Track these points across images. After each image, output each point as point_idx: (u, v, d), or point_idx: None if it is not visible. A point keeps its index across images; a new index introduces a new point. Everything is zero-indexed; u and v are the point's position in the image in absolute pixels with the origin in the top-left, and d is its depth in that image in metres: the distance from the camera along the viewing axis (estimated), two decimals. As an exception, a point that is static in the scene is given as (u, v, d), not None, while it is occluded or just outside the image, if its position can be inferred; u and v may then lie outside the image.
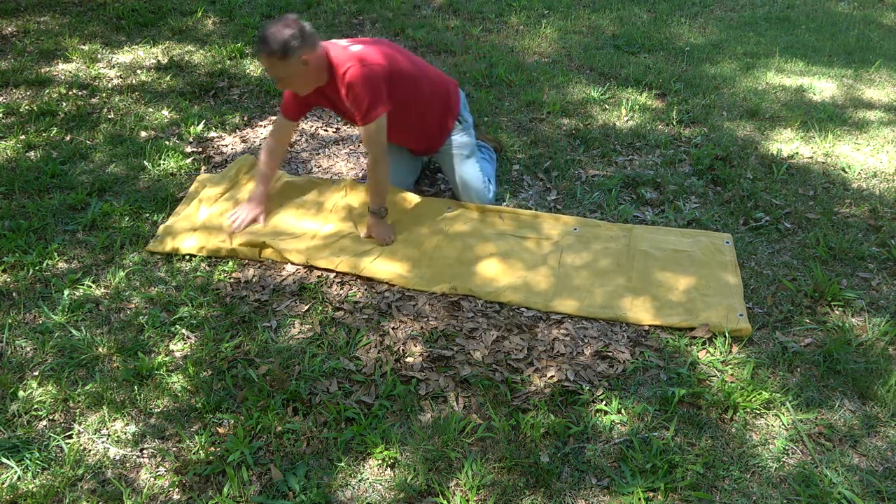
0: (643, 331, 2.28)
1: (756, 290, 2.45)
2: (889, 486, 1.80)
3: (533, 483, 1.78)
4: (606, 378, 2.09)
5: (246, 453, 1.81)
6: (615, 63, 4.27)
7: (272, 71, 2.34)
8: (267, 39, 2.27)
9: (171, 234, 2.58)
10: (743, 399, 2.00)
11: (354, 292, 2.39)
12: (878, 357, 2.18)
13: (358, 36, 4.55)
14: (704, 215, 2.85)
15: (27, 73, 3.79)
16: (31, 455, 1.79)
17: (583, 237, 2.67)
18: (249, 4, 4.98)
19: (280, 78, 2.37)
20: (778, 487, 1.79)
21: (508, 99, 3.77)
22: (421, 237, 2.63)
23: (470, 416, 1.96)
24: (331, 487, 1.76)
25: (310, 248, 2.51)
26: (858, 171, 3.20)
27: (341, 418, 1.93)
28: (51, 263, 2.46)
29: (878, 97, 3.97)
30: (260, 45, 2.30)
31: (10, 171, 2.95)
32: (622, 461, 1.84)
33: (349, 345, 2.18)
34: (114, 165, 3.03)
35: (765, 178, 3.13)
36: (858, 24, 5.19)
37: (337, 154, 3.22)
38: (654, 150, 3.33)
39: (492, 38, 4.62)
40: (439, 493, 1.74)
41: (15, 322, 2.21)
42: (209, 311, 2.29)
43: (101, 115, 3.44)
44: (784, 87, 4.04)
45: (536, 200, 2.93)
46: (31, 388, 1.99)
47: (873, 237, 2.75)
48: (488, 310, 2.34)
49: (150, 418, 1.93)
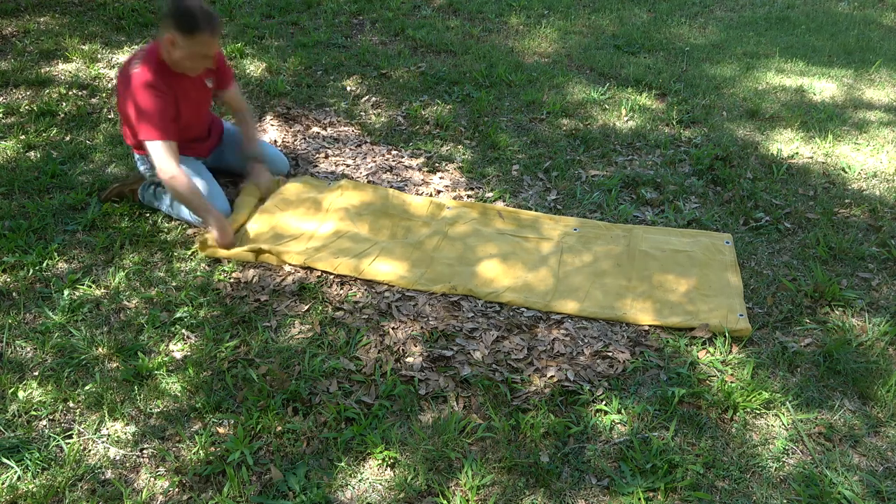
0: (643, 331, 2.28)
1: (756, 290, 2.45)
2: (889, 486, 1.80)
3: (533, 483, 1.78)
4: (606, 378, 2.09)
5: (246, 453, 1.81)
6: (615, 63, 4.27)
7: (215, 48, 2.44)
8: (216, 16, 2.36)
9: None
10: (743, 399, 2.00)
11: (354, 292, 2.39)
12: (878, 357, 2.18)
13: (358, 36, 4.56)
14: (704, 215, 2.84)
15: (27, 73, 3.79)
16: (31, 455, 1.79)
17: (583, 238, 2.67)
18: (249, 4, 4.98)
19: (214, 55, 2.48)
20: (778, 487, 1.79)
21: (508, 99, 3.77)
22: (421, 237, 2.63)
23: (470, 416, 1.96)
24: (331, 487, 1.76)
25: (308, 249, 2.51)
26: (858, 171, 3.20)
27: (341, 418, 1.93)
28: (51, 263, 2.46)
29: (878, 97, 3.97)
30: (217, 22, 2.36)
31: (10, 171, 2.94)
32: (622, 461, 1.84)
33: (349, 345, 2.18)
34: (114, 165, 3.03)
35: (765, 178, 3.13)
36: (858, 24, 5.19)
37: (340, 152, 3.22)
38: (654, 151, 3.33)
39: (492, 38, 4.62)
40: (439, 493, 1.74)
41: (15, 322, 2.21)
42: (209, 312, 2.29)
43: (101, 115, 3.44)
44: (784, 87, 4.04)
45: (536, 200, 2.93)
46: (31, 388, 1.99)
47: (873, 237, 2.75)
48: (488, 310, 2.34)
49: (149, 418, 1.93)
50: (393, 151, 3.26)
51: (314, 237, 2.59)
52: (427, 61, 4.19)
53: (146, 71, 2.40)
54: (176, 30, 2.33)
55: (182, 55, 2.39)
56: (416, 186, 3.00)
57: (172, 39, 2.36)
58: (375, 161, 3.17)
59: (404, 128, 3.47)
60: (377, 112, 3.60)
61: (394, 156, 3.23)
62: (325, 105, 3.65)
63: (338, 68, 4.04)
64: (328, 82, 3.88)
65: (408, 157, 3.21)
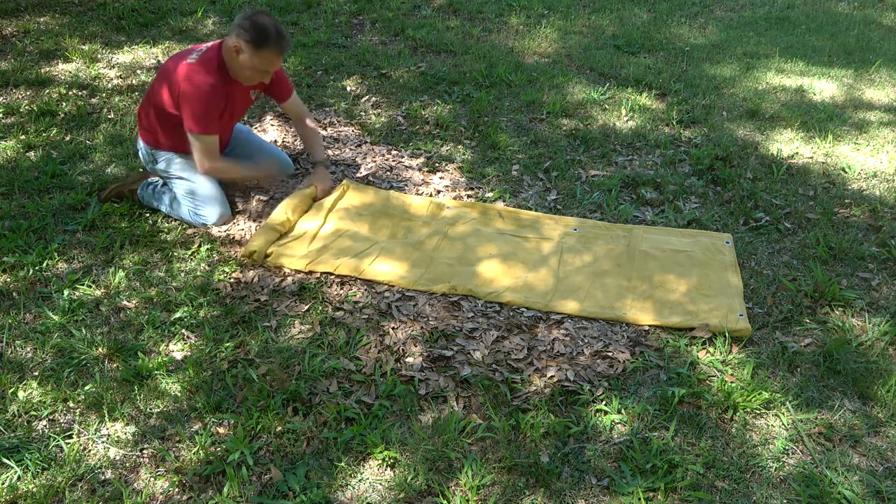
0: (643, 331, 2.28)
1: (756, 290, 2.45)
2: (889, 486, 1.80)
3: (533, 483, 1.78)
4: (606, 378, 2.09)
5: (246, 453, 1.81)
6: (615, 63, 4.27)
7: (278, 66, 2.54)
8: (287, 38, 2.44)
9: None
10: (743, 399, 2.00)
11: (354, 292, 2.39)
12: (878, 357, 2.18)
13: (358, 36, 4.56)
14: (704, 215, 2.84)
15: (27, 73, 3.79)
16: (31, 455, 1.79)
17: (583, 238, 2.67)
18: (249, 4, 4.98)
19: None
20: (778, 487, 1.79)
21: (508, 99, 3.77)
22: (421, 237, 2.63)
23: (470, 416, 1.96)
24: (331, 487, 1.76)
25: (310, 251, 2.51)
26: (858, 171, 3.20)
27: (341, 418, 1.93)
28: (51, 263, 2.46)
29: (878, 97, 3.97)
30: (286, 44, 2.44)
31: (10, 171, 2.94)
32: (622, 461, 1.84)
33: (349, 345, 2.18)
34: (114, 166, 3.03)
35: (765, 178, 3.13)
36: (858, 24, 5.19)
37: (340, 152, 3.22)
38: (654, 151, 3.33)
39: (492, 38, 4.62)
40: (439, 493, 1.74)
41: (15, 322, 2.21)
42: (209, 312, 2.29)
43: (101, 115, 3.44)
44: (784, 88, 4.04)
45: (536, 200, 2.93)
46: (31, 388, 1.99)
47: (873, 237, 2.75)
48: (488, 310, 2.34)
49: (149, 418, 1.93)
50: (393, 151, 3.26)
51: (316, 237, 2.59)
52: (427, 61, 4.19)
53: (207, 69, 2.46)
54: (245, 40, 2.38)
55: (244, 65, 2.44)
56: (416, 186, 3.00)
57: (239, 48, 2.41)
58: (375, 161, 3.17)
59: (404, 128, 3.47)
60: (377, 112, 3.59)
61: (394, 156, 3.23)
62: (325, 105, 3.65)
63: (338, 68, 4.04)
64: (328, 82, 3.88)
65: (408, 157, 3.21)
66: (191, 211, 2.64)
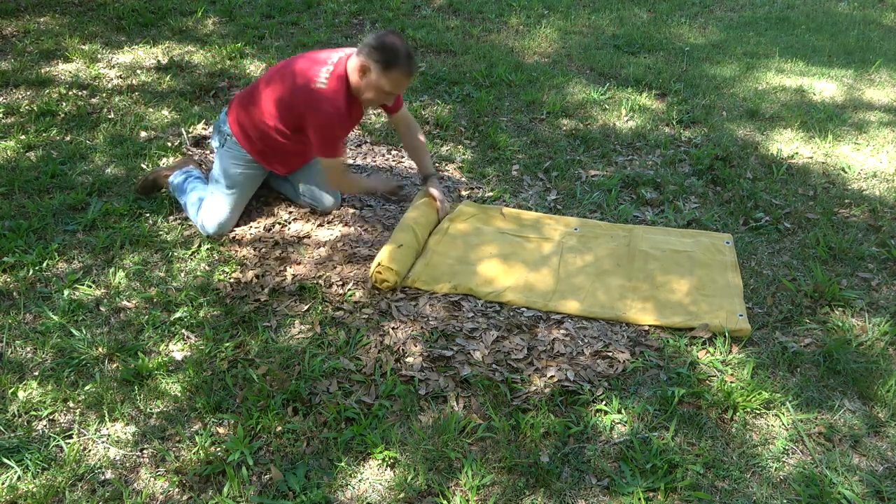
0: (643, 331, 2.28)
1: (756, 290, 2.45)
2: (889, 486, 1.80)
3: (533, 483, 1.78)
4: (606, 378, 2.09)
5: (246, 453, 1.81)
6: (615, 63, 4.27)
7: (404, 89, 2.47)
8: (415, 61, 2.36)
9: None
10: (743, 399, 2.00)
11: (354, 292, 2.39)
12: (878, 357, 2.18)
13: (358, 36, 4.56)
14: (704, 215, 2.85)
15: (27, 73, 3.79)
16: (31, 455, 1.79)
17: (583, 238, 2.67)
18: (249, 4, 4.98)
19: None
20: (778, 487, 1.79)
21: (508, 99, 3.77)
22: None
23: (470, 416, 1.96)
24: (331, 487, 1.76)
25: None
26: (858, 171, 3.20)
27: (341, 418, 1.93)
28: (51, 263, 2.46)
29: (878, 97, 3.97)
30: (414, 67, 2.36)
31: (10, 171, 2.95)
32: (622, 461, 1.84)
33: (349, 345, 2.18)
34: (114, 166, 3.03)
35: (765, 178, 3.13)
36: (858, 24, 5.19)
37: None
38: (654, 151, 3.33)
39: (492, 38, 4.62)
40: (439, 493, 1.74)
41: (15, 322, 2.21)
42: (209, 312, 2.29)
43: (101, 115, 3.44)
44: (784, 88, 4.04)
45: (536, 200, 2.93)
46: (31, 388, 1.99)
47: (873, 237, 2.75)
48: (488, 310, 2.34)
49: (149, 419, 1.93)
50: (393, 151, 3.26)
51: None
52: (427, 61, 4.19)
53: (335, 97, 2.37)
54: (374, 60, 2.30)
55: (370, 85, 2.36)
56: (416, 186, 3.00)
57: (366, 67, 2.32)
58: (375, 161, 3.17)
59: (404, 128, 3.47)
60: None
61: (394, 156, 3.23)
62: (325, 105, 3.64)
63: (338, 68, 4.04)
64: (328, 82, 3.88)
65: (408, 158, 3.21)
66: (197, 212, 2.63)
